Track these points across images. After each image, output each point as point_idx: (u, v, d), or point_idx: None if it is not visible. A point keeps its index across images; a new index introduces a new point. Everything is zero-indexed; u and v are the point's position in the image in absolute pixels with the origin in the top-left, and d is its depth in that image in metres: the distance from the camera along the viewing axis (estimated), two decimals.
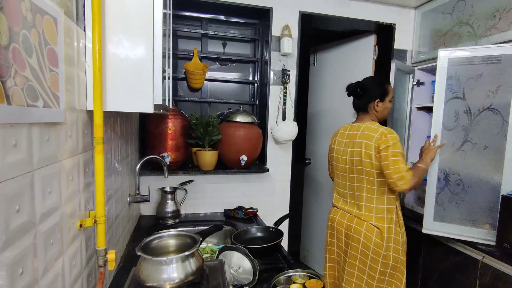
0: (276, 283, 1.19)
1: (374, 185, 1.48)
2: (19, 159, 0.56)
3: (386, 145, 1.41)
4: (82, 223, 0.86)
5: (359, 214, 1.52)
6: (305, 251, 3.07)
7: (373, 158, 1.44)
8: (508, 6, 1.64)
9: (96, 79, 0.83)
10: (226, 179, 2.10)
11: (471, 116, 1.64)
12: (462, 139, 1.65)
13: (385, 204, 1.48)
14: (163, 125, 1.78)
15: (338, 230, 1.60)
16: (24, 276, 0.58)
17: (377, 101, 1.56)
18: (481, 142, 1.62)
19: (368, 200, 1.50)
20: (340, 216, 1.60)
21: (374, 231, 1.45)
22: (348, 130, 1.62)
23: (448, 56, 1.66)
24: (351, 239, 1.51)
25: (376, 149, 1.43)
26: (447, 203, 1.71)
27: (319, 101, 2.86)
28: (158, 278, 0.88)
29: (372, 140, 1.45)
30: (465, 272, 1.67)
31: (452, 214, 1.69)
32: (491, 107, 1.59)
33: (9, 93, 0.52)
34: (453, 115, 1.67)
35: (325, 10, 2.14)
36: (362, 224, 1.48)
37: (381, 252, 1.43)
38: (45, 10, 0.65)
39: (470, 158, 1.64)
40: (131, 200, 1.56)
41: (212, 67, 2.22)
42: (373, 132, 1.47)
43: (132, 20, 0.90)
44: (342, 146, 1.62)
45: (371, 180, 1.48)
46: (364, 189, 1.51)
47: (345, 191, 1.61)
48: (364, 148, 1.47)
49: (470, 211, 1.66)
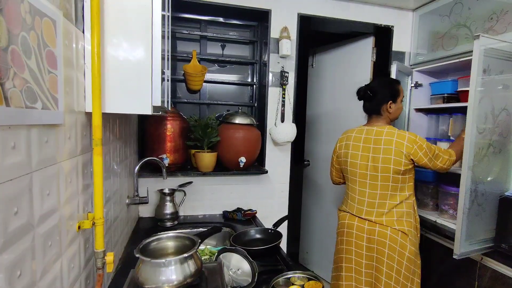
0: (275, 285, 1.19)
1: (397, 191, 1.49)
2: (17, 161, 0.56)
3: (422, 152, 1.45)
4: (81, 225, 0.86)
5: (380, 221, 1.50)
6: (304, 252, 3.07)
7: (402, 165, 1.45)
8: (505, 8, 1.65)
9: (95, 81, 0.83)
10: (225, 180, 2.10)
11: (494, 117, 1.50)
12: (488, 144, 1.49)
13: (404, 208, 1.50)
14: (162, 127, 1.78)
15: (357, 236, 1.55)
16: (22, 279, 0.58)
17: (390, 103, 1.54)
18: (498, 145, 1.53)
19: (390, 206, 1.50)
20: (359, 221, 1.55)
21: (399, 233, 1.46)
22: (364, 133, 1.58)
23: (488, 46, 1.41)
24: (375, 243, 1.49)
25: (408, 157, 1.45)
26: (474, 217, 1.49)
27: (317, 102, 2.87)
28: (157, 280, 0.88)
29: (403, 148, 1.45)
30: (463, 273, 1.67)
31: (478, 228, 1.51)
32: (505, 108, 1.52)
33: (8, 95, 0.52)
34: (483, 117, 1.46)
35: (324, 12, 2.15)
36: (386, 228, 1.48)
37: (405, 253, 1.45)
38: (44, 12, 0.65)
39: (491, 163, 1.52)
40: (130, 202, 1.56)
41: (211, 69, 2.23)
42: (401, 138, 1.46)
43: (131, 22, 0.90)
44: (359, 151, 1.57)
45: (395, 186, 1.49)
46: (388, 196, 1.50)
47: (363, 198, 1.55)
48: (394, 155, 1.45)
49: (489, 220, 1.53)
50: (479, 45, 1.40)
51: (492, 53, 1.45)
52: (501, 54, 1.48)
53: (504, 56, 1.50)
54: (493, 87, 1.49)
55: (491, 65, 1.44)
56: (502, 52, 1.49)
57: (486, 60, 1.42)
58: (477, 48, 1.39)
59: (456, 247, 1.47)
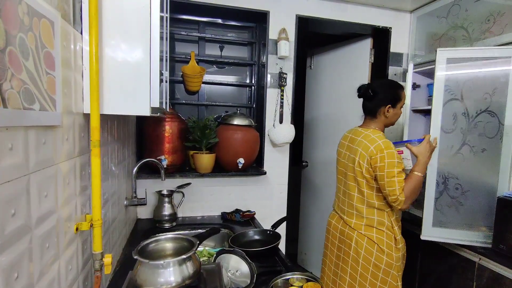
0: (273, 286, 1.19)
1: (364, 196, 1.44)
2: (15, 163, 0.56)
3: (381, 164, 1.35)
4: (79, 226, 0.85)
5: (350, 222, 1.49)
6: (302, 254, 3.07)
7: (364, 170, 1.40)
8: (502, 10, 1.66)
9: (93, 82, 0.83)
10: (224, 182, 2.09)
11: (469, 119, 1.63)
12: (461, 142, 1.64)
13: (376, 216, 1.44)
14: (160, 128, 1.77)
15: (333, 234, 1.58)
16: (20, 281, 0.57)
17: (388, 107, 1.47)
18: (479, 145, 1.61)
19: (358, 210, 1.46)
20: (336, 220, 1.58)
21: (365, 239, 1.42)
22: (351, 133, 1.57)
23: (446, 56, 1.63)
24: (344, 244, 1.49)
25: (369, 162, 1.38)
26: (446, 208, 1.68)
27: (316, 104, 2.88)
28: (155, 281, 0.88)
29: (367, 152, 1.39)
30: (462, 274, 1.68)
31: (451, 219, 1.67)
32: (487, 110, 1.59)
33: (5, 96, 0.52)
34: (451, 117, 1.65)
35: (322, 14, 2.15)
36: (353, 231, 1.46)
37: (371, 259, 1.40)
38: (42, 14, 0.65)
39: (468, 161, 1.63)
40: (128, 203, 1.55)
41: (209, 70, 2.23)
42: (371, 143, 1.40)
43: (129, 23, 0.90)
44: (343, 149, 1.58)
45: (361, 190, 1.45)
46: (355, 198, 1.47)
47: (339, 195, 1.59)
48: (359, 158, 1.42)
49: (469, 215, 1.64)
50: (443, 56, 1.64)
51: (457, 61, 1.65)
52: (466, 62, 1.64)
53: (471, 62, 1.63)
54: (465, 92, 1.64)
55: (456, 72, 1.65)
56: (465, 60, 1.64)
57: (449, 67, 1.66)
58: (440, 59, 1.64)
59: (423, 230, 1.73)
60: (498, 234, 1.49)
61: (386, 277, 1.42)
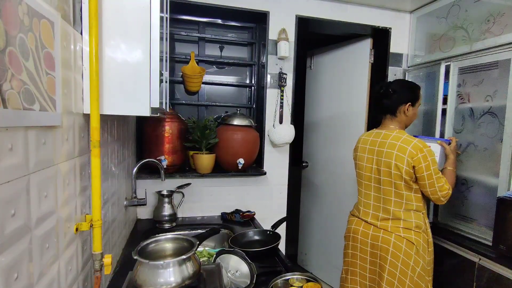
0: (273, 287, 1.18)
1: (403, 198, 1.43)
2: (15, 163, 0.56)
3: (426, 164, 1.37)
4: (78, 227, 0.85)
5: (385, 226, 1.45)
6: (302, 254, 3.06)
7: (403, 172, 1.38)
8: (501, 10, 1.66)
9: (93, 82, 0.83)
10: (223, 182, 2.09)
11: (474, 120, 1.73)
12: (467, 142, 1.78)
13: (413, 219, 1.43)
14: (160, 128, 1.77)
15: (362, 241, 1.53)
16: (19, 281, 0.57)
17: (408, 105, 1.48)
18: (481, 144, 1.68)
19: (395, 214, 1.44)
20: (364, 227, 1.54)
21: (404, 241, 1.40)
22: (372, 136, 1.55)
23: (458, 66, 1.83)
24: (379, 249, 1.45)
25: (409, 164, 1.37)
26: (454, 199, 1.82)
27: (316, 104, 2.88)
28: (155, 282, 0.88)
29: (405, 153, 1.38)
30: (461, 274, 1.68)
31: (457, 211, 1.82)
32: (490, 111, 1.64)
33: (5, 97, 0.52)
34: (460, 119, 1.82)
35: (322, 14, 2.16)
36: (391, 235, 1.43)
37: (410, 263, 1.38)
38: (42, 14, 0.65)
39: (474, 159, 1.73)
40: (128, 203, 1.55)
41: (209, 70, 2.23)
42: (406, 143, 1.39)
43: (129, 23, 0.90)
44: (365, 153, 1.55)
45: (399, 193, 1.43)
46: (392, 202, 1.45)
47: (369, 201, 1.54)
48: (395, 160, 1.40)
49: (472, 210, 1.74)
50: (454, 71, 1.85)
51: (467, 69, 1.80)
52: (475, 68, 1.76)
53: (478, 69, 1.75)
54: (473, 96, 1.77)
55: (466, 79, 1.81)
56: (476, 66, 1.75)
57: (460, 77, 1.84)
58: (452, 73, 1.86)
59: None
60: (498, 234, 1.49)
61: (421, 282, 1.40)
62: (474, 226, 1.72)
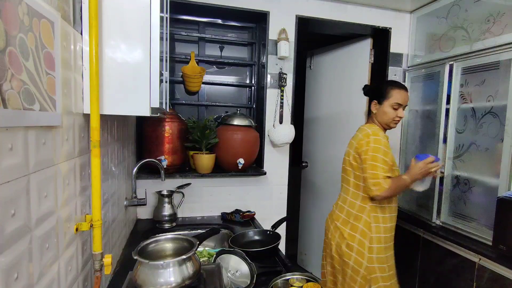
0: (273, 287, 1.18)
1: (349, 185, 1.51)
2: (15, 163, 0.56)
3: (366, 148, 1.40)
4: (78, 227, 0.85)
5: (332, 212, 1.57)
6: (302, 254, 3.06)
7: (351, 157, 1.47)
8: (501, 10, 1.66)
9: (93, 82, 0.83)
10: (223, 182, 2.09)
11: (476, 120, 1.75)
12: (469, 142, 1.79)
13: (355, 210, 1.47)
14: (160, 129, 1.77)
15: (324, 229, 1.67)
16: (19, 281, 0.57)
17: (375, 102, 1.55)
18: (483, 144, 1.70)
19: (343, 201, 1.53)
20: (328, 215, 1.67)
21: (338, 232, 1.47)
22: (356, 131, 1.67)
23: (461, 67, 1.83)
24: (325, 237, 1.59)
25: (356, 150, 1.45)
26: (457, 199, 1.86)
27: (315, 104, 2.88)
28: (155, 282, 0.88)
29: (356, 140, 1.48)
30: (462, 274, 1.68)
31: (460, 210, 1.84)
32: (491, 111, 1.65)
33: (5, 97, 0.52)
34: (462, 119, 1.83)
35: (322, 14, 2.15)
36: (333, 222, 1.54)
37: (346, 251, 1.46)
38: (42, 14, 0.65)
39: (475, 159, 1.75)
40: (128, 203, 1.55)
41: (209, 70, 2.23)
42: (360, 132, 1.50)
43: (129, 23, 0.90)
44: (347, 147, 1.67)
45: (347, 179, 1.52)
46: (342, 188, 1.56)
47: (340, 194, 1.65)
48: (349, 147, 1.52)
49: (473, 210, 1.76)
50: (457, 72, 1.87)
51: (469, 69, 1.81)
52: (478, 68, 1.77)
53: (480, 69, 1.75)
54: (474, 96, 1.77)
55: (468, 79, 1.82)
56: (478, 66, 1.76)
57: (463, 77, 1.85)
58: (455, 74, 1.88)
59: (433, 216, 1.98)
60: (498, 234, 1.49)
61: (364, 282, 1.49)
62: (474, 226, 1.72)
